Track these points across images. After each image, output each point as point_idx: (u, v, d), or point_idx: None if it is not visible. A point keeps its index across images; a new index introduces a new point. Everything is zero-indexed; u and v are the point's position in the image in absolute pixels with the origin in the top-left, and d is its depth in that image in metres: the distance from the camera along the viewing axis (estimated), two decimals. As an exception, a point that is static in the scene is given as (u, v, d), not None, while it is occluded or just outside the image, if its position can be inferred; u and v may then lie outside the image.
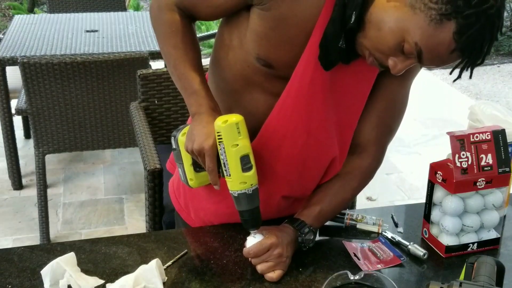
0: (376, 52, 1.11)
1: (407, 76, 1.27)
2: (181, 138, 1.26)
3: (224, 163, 1.18)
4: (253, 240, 1.22)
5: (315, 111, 1.24)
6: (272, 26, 1.16)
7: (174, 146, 1.29)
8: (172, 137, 1.29)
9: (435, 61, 1.07)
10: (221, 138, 1.16)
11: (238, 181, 1.17)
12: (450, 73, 1.13)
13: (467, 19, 1.00)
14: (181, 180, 1.32)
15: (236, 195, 1.19)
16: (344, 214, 1.38)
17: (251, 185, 1.18)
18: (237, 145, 1.15)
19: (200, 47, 1.41)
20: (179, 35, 1.24)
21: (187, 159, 1.26)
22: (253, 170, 1.18)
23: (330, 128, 1.28)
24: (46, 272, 1.13)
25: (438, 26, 1.02)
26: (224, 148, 1.16)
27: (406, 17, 1.04)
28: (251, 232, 1.22)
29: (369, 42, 1.11)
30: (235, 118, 1.16)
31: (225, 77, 1.28)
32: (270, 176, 1.28)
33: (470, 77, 1.08)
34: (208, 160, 1.18)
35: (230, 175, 1.17)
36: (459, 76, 1.09)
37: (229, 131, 1.15)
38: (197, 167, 1.26)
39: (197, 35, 1.32)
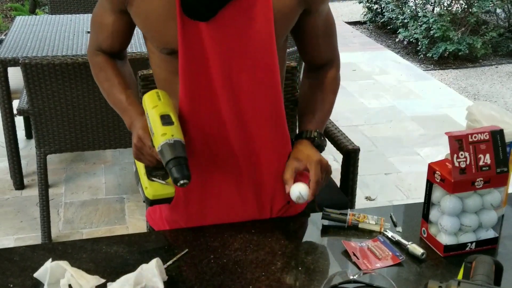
0: None
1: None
2: None
3: (150, 128, 1.25)
4: None
5: (204, 76, 1.29)
6: (141, 20, 1.28)
7: (134, 168, 1.37)
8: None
9: None
10: (145, 107, 1.27)
11: (159, 133, 1.22)
12: None
13: None
14: (142, 200, 1.35)
15: (160, 149, 1.21)
16: (346, 214, 1.39)
17: (172, 135, 1.21)
18: (156, 106, 1.25)
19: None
20: (107, 70, 1.43)
21: (140, 169, 1.32)
22: (175, 125, 1.23)
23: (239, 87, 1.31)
24: (41, 275, 1.14)
25: None
26: (147, 113, 1.26)
27: None
28: (181, 182, 1.19)
29: None
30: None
31: (156, 79, 1.40)
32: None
33: None
34: (146, 140, 1.25)
35: (153, 133, 1.24)
36: None
37: (150, 97, 1.28)
38: (150, 175, 1.30)
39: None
